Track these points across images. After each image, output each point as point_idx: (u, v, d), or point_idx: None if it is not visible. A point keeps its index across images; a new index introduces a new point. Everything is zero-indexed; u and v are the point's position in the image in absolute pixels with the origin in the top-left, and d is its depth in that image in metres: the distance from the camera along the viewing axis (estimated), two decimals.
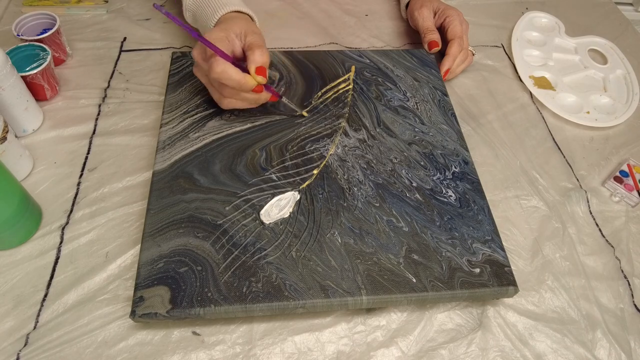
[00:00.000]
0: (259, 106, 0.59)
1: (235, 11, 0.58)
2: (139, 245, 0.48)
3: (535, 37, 0.80)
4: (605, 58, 0.78)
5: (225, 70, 0.50)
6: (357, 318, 0.48)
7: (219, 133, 0.56)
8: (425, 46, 0.70)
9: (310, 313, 0.48)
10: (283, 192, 0.52)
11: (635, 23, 0.86)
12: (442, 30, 0.72)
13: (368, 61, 0.67)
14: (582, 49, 0.78)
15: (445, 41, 0.70)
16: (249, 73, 0.52)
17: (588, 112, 0.69)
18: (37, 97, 0.60)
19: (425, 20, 0.71)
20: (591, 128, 0.68)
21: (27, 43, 0.61)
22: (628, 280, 0.53)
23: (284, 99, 0.58)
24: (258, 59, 0.52)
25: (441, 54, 0.70)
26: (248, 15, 0.60)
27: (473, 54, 0.72)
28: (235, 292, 0.45)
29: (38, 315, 0.46)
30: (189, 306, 0.43)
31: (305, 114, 0.59)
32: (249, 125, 0.58)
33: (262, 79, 0.52)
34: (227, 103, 0.54)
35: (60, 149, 0.58)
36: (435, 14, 0.72)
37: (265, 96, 0.55)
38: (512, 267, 0.49)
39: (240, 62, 0.54)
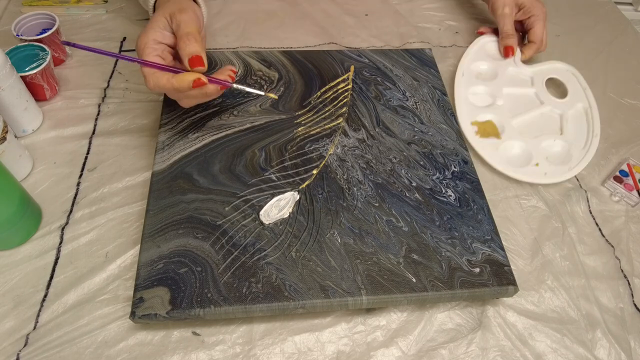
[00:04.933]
0: (257, 107, 0.59)
1: None
2: (139, 246, 0.47)
3: (485, 69, 0.71)
4: (565, 89, 0.68)
5: (156, 83, 0.46)
6: (357, 318, 0.48)
7: (218, 133, 0.56)
8: (501, 50, 0.71)
9: (310, 313, 0.48)
10: (282, 193, 0.52)
11: (635, 23, 0.86)
12: (523, 25, 0.72)
13: (367, 61, 0.67)
14: (539, 79, 0.69)
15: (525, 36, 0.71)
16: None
17: (537, 164, 0.60)
18: (37, 97, 0.60)
19: (507, 22, 0.70)
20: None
21: (26, 43, 0.61)
22: (628, 280, 0.53)
23: (235, 85, 0.51)
24: (188, 49, 0.46)
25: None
26: None
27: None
28: (235, 292, 0.45)
29: (38, 315, 0.46)
30: (188, 307, 0.43)
31: (272, 95, 0.56)
32: (248, 125, 0.58)
33: (193, 75, 0.46)
34: (184, 103, 0.51)
35: (60, 149, 0.58)
36: (519, 10, 0.71)
37: (213, 87, 0.48)
38: (511, 267, 0.49)
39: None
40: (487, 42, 0.74)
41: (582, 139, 0.63)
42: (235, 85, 0.51)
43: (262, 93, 0.54)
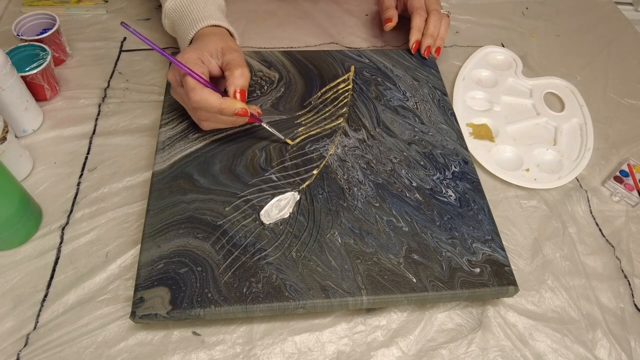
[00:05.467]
0: (258, 107, 0.59)
1: (214, 25, 0.56)
2: (139, 246, 0.47)
3: (486, 77, 0.71)
4: (562, 104, 0.69)
5: (204, 98, 0.48)
6: (358, 318, 0.48)
7: (218, 133, 0.56)
8: (383, 23, 0.72)
9: (311, 313, 0.48)
10: (283, 193, 0.52)
11: (635, 23, 0.86)
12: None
13: (367, 61, 0.67)
14: (537, 91, 0.70)
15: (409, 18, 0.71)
16: (227, 94, 0.50)
17: (527, 170, 0.60)
18: (37, 97, 0.60)
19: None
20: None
21: (27, 43, 0.61)
22: (628, 280, 0.53)
23: (265, 125, 0.54)
24: (237, 81, 0.50)
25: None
26: (227, 30, 0.57)
27: (448, 15, 0.71)
28: (235, 292, 0.45)
29: (38, 315, 0.46)
30: (189, 307, 0.43)
31: (289, 141, 0.56)
32: (248, 125, 0.58)
33: (241, 104, 0.49)
34: (207, 125, 0.53)
35: (60, 149, 0.58)
36: (404, 5, 0.72)
37: (243, 118, 0.52)
38: (512, 267, 0.49)
39: (219, 80, 0.53)
40: (489, 53, 0.75)
41: (574, 152, 0.64)
42: (264, 124, 0.54)
43: (282, 137, 0.56)
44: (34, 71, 0.58)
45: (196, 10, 0.57)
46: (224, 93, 0.51)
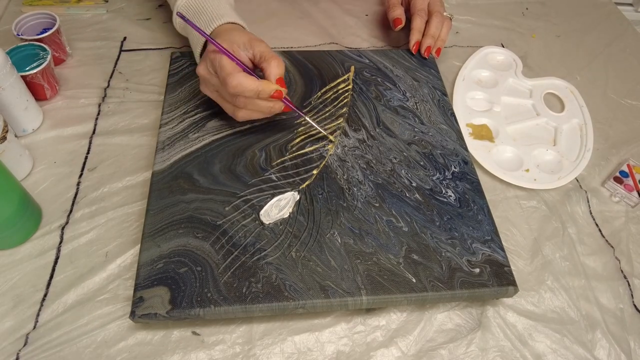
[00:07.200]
0: None
1: (230, 22, 0.56)
2: (139, 245, 0.48)
3: (486, 77, 0.72)
4: (562, 104, 0.69)
5: (241, 83, 0.49)
6: (357, 318, 0.48)
7: (218, 133, 0.56)
8: (391, 24, 0.71)
9: (310, 313, 0.48)
10: (283, 193, 0.52)
11: (635, 23, 0.86)
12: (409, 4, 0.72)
13: (367, 61, 0.67)
14: (537, 92, 0.70)
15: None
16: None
17: (527, 170, 0.60)
18: (37, 97, 0.60)
19: None
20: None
21: (27, 43, 0.61)
22: (628, 281, 0.53)
23: (307, 119, 0.56)
24: (276, 70, 0.51)
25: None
26: (241, 26, 0.58)
27: (450, 18, 0.71)
28: (235, 292, 0.45)
29: (38, 315, 0.46)
30: (188, 307, 0.43)
31: (331, 137, 0.57)
32: (248, 125, 0.58)
33: (276, 86, 0.51)
34: (243, 115, 0.53)
35: (60, 148, 0.58)
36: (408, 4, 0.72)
37: (279, 105, 0.53)
38: (511, 267, 0.49)
39: (252, 71, 0.53)
40: (489, 53, 0.75)
41: (574, 152, 0.64)
42: (305, 116, 0.56)
43: (323, 131, 0.56)
44: (34, 71, 0.58)
45: (210, 8, 0.57)
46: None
